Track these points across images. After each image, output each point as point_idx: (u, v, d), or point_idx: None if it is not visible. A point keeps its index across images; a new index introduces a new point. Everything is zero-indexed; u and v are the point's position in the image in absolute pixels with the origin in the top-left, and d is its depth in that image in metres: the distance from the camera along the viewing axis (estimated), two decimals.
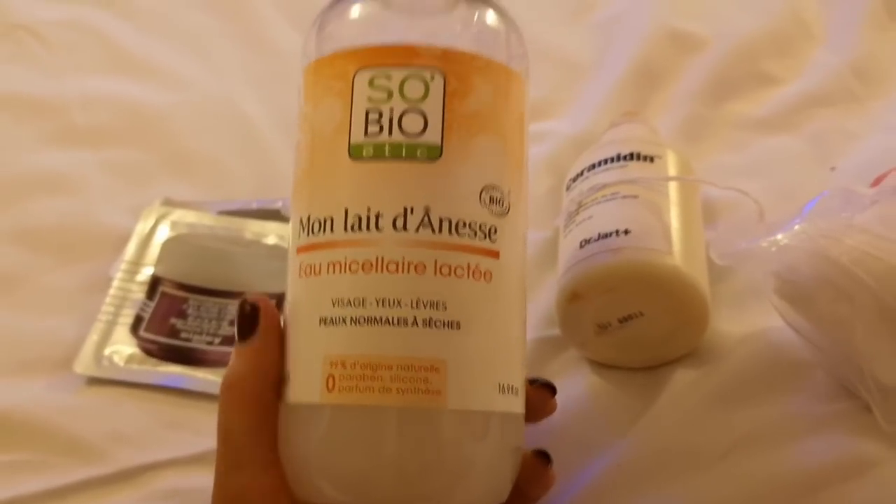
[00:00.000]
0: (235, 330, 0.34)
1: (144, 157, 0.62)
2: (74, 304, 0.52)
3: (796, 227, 0.40)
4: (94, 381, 0.48)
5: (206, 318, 0.51)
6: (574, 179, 0.49)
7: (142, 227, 0.56)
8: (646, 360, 0.45)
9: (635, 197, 0.44)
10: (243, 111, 0.65)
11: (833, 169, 0.60)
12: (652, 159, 0.47)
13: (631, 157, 0.47)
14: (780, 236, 0.40)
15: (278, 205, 0.57)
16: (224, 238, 0.55)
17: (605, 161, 0.48)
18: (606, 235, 0.43)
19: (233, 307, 0.52)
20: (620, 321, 0.43)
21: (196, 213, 0.56)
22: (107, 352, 0.49)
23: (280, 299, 0.34)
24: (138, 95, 0.66)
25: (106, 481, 0.44)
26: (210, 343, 0.50)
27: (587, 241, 0.43)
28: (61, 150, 0.62)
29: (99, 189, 0.60)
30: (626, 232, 0.42)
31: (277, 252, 0.55)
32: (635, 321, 0.43)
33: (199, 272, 0.53)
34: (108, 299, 0.52)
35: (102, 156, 0.62)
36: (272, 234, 0.55)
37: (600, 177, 0.47)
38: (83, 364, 0.49)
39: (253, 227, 0.56)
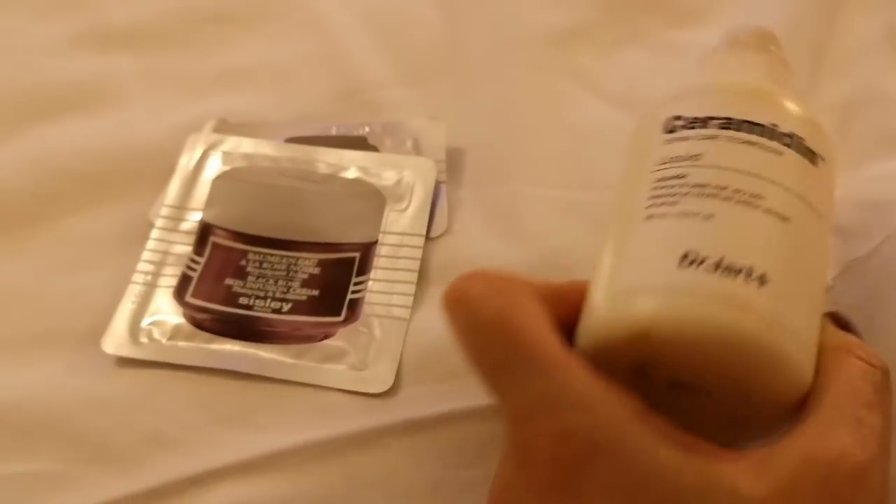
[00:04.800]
0: None
1: (196, 65, 0.52)
2: (104, 257, 0.43)
3: None
4: (129, 362, 0.39)
5: (272, 278, 0.41)
6: (689, 125, 0.32)
7: (186, 161, 0.45)
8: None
9: (786, 220, 0.30)
10: (320, 9, 0.55)
11: None
12: (816, 160, 0.31)
13: (789, 141, 0.31)
14: None
15: (364, 130, 0.47)
16: (291, 172, 0.45)
17: (746, 125, 0.31)
18: (730, 270, 0.28)
19: (304, 262, 0.41)
20: (671, 386, 0.29)
21: (255, 140, 0.46)
22: (145, 323, 0.40)
23: (366, 249, 0.22)
24: None
25: (144, 498, 0.35)
26: (278, 310, 0.40)
27: (695, 261, 0.28)
28: (92, 55, 0.52)
29: (139, 103, 0.50)
30: (762, 280, 0.28)
31: (359, 189, 0.44)
32: (693, 396, 0.29)
33: (260, 217, 0.43)
34: (145, 254, 0.42)
35: (144, 62, 0.52)
36: (353, 165, 0.45)
37: (733, 154, 0.30)
38: (115, 340, 0.39)
39: (328, 158, 0.45)
